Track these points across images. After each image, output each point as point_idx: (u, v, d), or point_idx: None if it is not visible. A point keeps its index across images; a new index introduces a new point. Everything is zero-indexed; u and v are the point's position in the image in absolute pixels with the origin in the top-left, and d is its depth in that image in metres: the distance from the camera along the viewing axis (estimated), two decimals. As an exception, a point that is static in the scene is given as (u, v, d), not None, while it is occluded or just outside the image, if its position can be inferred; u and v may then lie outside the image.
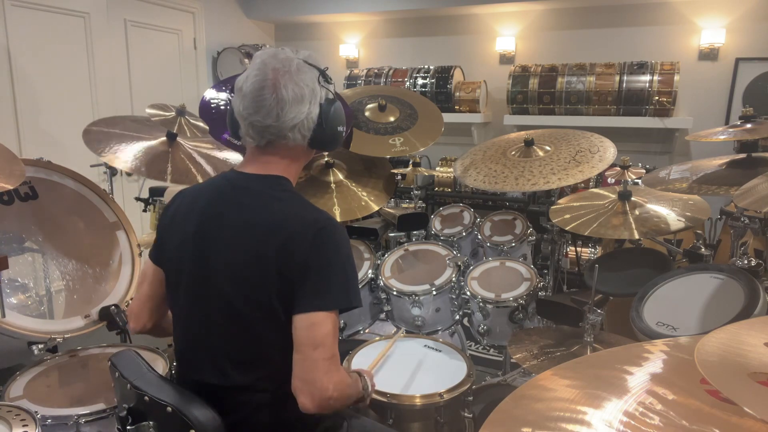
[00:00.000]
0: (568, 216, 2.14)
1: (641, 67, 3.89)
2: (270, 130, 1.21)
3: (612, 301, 2.17)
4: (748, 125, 1.95)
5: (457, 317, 2.17)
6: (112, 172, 2.84)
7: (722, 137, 1.96)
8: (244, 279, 1.17)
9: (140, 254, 2.16)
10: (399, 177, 2.63)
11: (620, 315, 2.14)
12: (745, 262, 1.66)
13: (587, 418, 0.67)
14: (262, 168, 1.26)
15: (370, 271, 2.19)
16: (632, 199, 2.09)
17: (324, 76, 1.27)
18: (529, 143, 2.41)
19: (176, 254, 1.28)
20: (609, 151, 2.28)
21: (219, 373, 1.22)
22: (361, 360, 1.78)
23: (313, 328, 1.13)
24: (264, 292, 1.16)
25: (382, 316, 2.21)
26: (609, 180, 3.34)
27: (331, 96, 1.28)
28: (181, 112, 2.70)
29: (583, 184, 3.75)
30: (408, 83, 4.57)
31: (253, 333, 1.19)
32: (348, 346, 1.93)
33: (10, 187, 1.64)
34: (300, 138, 1.24)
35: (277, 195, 1.23)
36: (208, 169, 2.32)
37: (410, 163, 2.81)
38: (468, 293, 2.11)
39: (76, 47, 3.78)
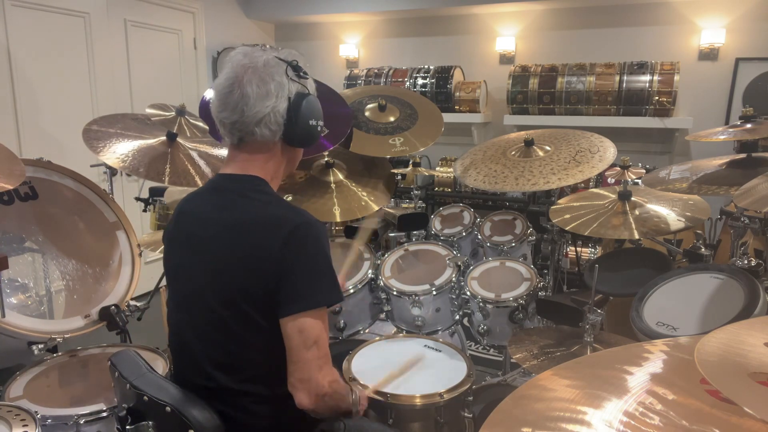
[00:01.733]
0: (568, 216, 2.14)
1: (641, 67, 3.89)
2: (237, 126, 1.22)
3: (612, 301, 2.17)
4: (748, 125, 1.95)
5: (457, 317, 2.16)
6: (112, 172, 2.83)
7: (722, 137, 1.96)
8: (222, 281, 1.18)
9: (140, 254, 2.16)
10: (399, 177, 2.63)
11: (620, 315, 2.14)
12: (745, 262, 1.66)
13: (587, 418, 0.67)
14: (238, 167, 1.27)
15: (370, 271, 2.19)
16: (632, 199, 2.09)
17: (296, 69, 1.24)
18: (529, 143, 2.41)
19: (169, 257, 1.32)
20: (609, 151, 2.28)
21: (205, 375, 1.22)
22: (361, 360, 1.78)
23: (304, 329, 1.13)
24: (240, 294, 1.16)
25: (382, 316, 2.21)
26: (609, 180, 3.34)
27: (305, 91, 1.26)
28: (181, 112, 2.70)
29: (583, 184, 3.75)
30: (408, 83, 4.57)
31: (233, 335, 1.19)
32: (348, 346, 1.93)
33: (10, 187, 1.64)
34: (269, 133, 1.22)
35: (251, 195, 1.23)
36: (207, 171, 2.32)
37: (410, 163, 2.81)
38: (468, 293, 2.11)
39: (76, 47, 3.78)
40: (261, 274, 1.14)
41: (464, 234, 2.63)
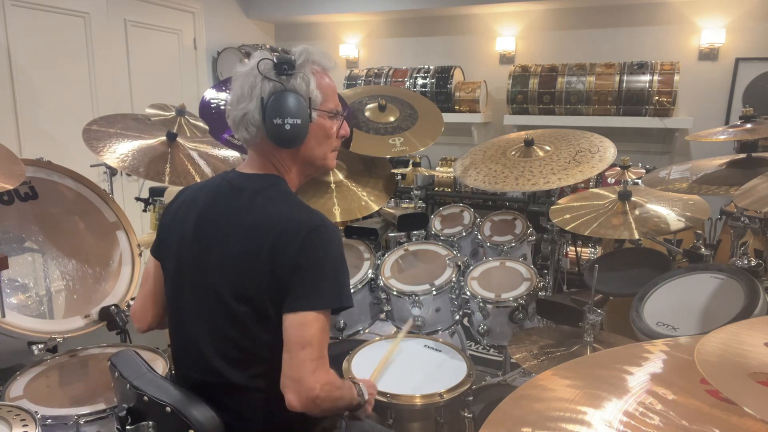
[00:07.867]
0: (568, 216, 2.14)
1: (641, 67, 3.89)
2: (233, 128, 1.27)
3: (612, 301, 2.17)
4: (748, 125, 1.95)
5: (457, 317, 2.16)
6: (112, 172, 2.84)
7: (722, 137, 1.96)
8: (237, 277, 1.18)
9: (140, 254, 2.16)
10: (399, 177, 2.63)
11: (620, 315, 2.14)
12: (745, 262, 1.66)
13: (587, 418, 0.67)
14: (256, 167, 1.29)
15: (370, 271, 2.19)
16: (632, 199, 2.09)
17: (276, 67, 1.22)
18: (529, 143, 2.41)
19: (174, 251, 1.30)
20: (609, 151, 2.28)
21: (212, 371, 1.22)
22: (361, 360, 1.78)
23: (302, 327, 1.14)
24: (255, 290, 1.16)
25: (382, 316, 2.21)
26: (609, 180, 3.34)
27: (282, 88, 1.22)
28: (181, 112, 2.70)
29: (583, 184, 3.75)
30: (408, 83, 4.57)
31: (244, 331, 1.19)
32: (348, 346, 1.93)
33: (10, 187, 1.64)
34: (248, 135, 1.25)
35: (271, 194, 1.24)
36: (207, 170, 2.32)
37: (410, 163, 2.80)
38: (468, 293, 2.11)
39: (76, 47, 3.78)
40: (275, 271, 1.15)
41: (464, 234, 2.63)
